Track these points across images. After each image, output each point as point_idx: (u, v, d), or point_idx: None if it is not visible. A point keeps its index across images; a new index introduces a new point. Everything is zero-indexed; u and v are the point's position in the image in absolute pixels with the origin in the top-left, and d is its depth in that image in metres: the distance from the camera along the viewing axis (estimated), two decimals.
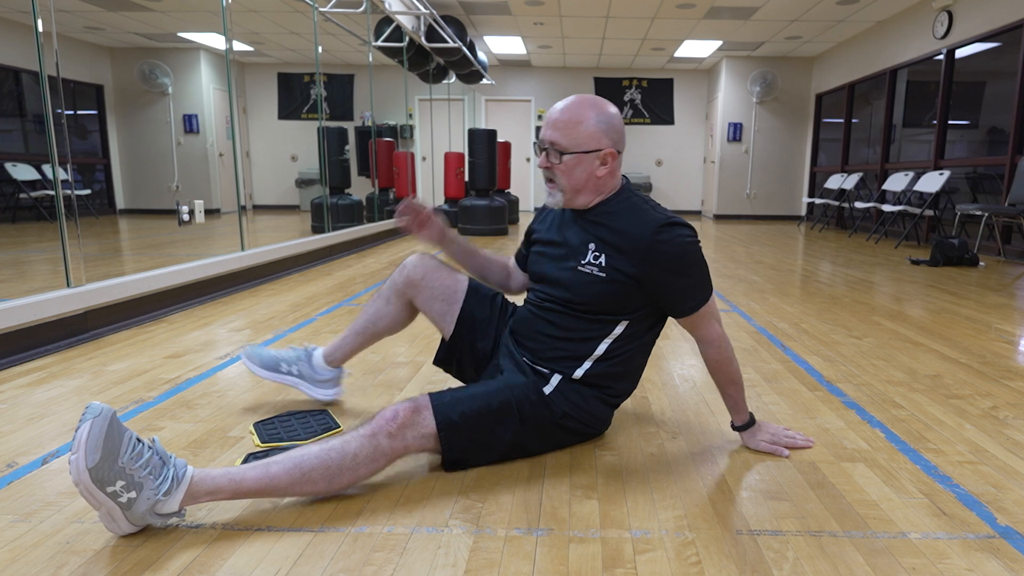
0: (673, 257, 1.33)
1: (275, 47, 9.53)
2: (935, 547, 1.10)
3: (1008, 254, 5.28)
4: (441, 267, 1.61)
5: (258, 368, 1.70)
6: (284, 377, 1.71)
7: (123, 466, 1.07)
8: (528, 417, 1.38)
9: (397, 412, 1.26)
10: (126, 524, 1.09)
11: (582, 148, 1.34)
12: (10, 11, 7.50)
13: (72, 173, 8.94)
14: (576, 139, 1.34)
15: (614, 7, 7.12)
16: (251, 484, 1.15)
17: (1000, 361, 2.24)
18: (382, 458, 1.24)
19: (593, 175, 1.37)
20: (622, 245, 1.35)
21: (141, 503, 1.08)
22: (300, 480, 1.18)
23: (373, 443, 1.23)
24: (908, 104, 7.03)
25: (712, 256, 5.28)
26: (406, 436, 1.26)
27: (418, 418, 1.27)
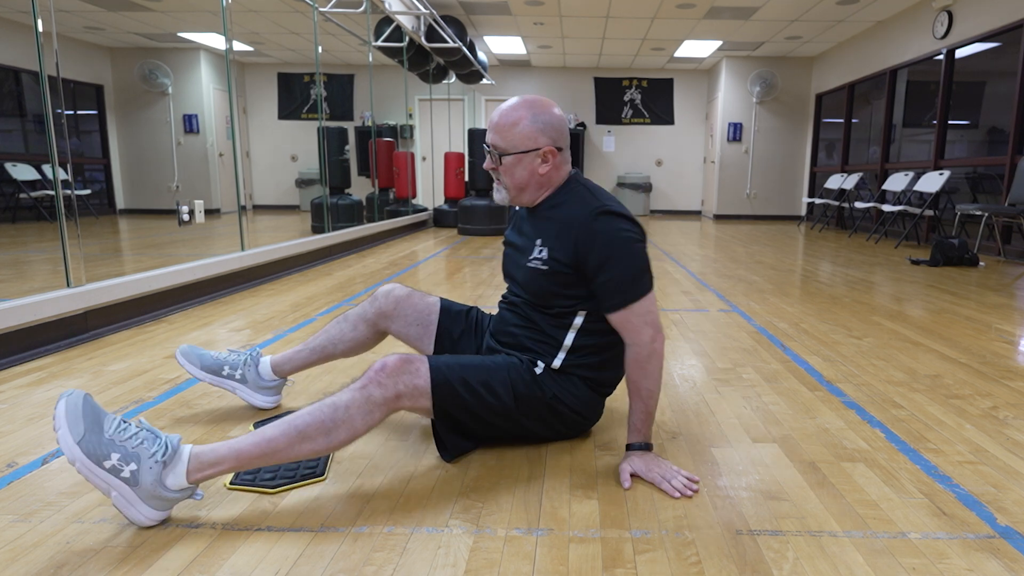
0: (603, 244, 1.34)
1: (275, 47, 9.53)
2: (935, 547, 1.10)
3: (1008, 254, 5.28)
4: (412, 294, 1.66)
5: (196, 369, 1.64)
6: (224, 381, 1.66)
7: (112, 438, 1.08)
8: (521, 395, 1.39)
9: (386, 362, 1.27)
10: (144, 507, 1.10)
11: (519, 148, 1.40)
12: (10, 11, 7.50)
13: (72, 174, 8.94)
14: (513, 140, 1.39)
15: (614, 7, 7.12)
16: (250, 449, 1.16)
17: (1000, 361, 2.24)
18: (376, 409, 1.24)
19: (535, 173, 1.41)
20: (560, 233, 1.39)
21: (145, 474, 1.08)
22: (297, 439, 1.18)
23: (364, 394, 1.23)
24: (908, 104, 7.03)
25: (712, 256, 5.28)
26: (397, 384, 1.26)
27: (410, 367, 1.29)
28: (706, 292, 3.58)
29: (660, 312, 3.03)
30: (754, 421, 1.67)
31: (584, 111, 10.95)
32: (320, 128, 5.61)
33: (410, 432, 1.58)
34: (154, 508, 1.11)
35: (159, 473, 1.10)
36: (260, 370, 1.68)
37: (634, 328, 1.35)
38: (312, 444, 1.19)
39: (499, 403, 1.37)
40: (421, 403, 1.31)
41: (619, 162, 11.07)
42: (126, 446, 1.09)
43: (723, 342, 2.49)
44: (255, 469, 1.34)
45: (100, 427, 1.09)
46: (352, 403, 1.22)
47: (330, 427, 1.20)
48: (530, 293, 1.46)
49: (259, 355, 1.71)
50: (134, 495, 1.09)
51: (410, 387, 1.28)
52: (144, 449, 1.10)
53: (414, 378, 1.29)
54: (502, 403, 1.37)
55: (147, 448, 1.10)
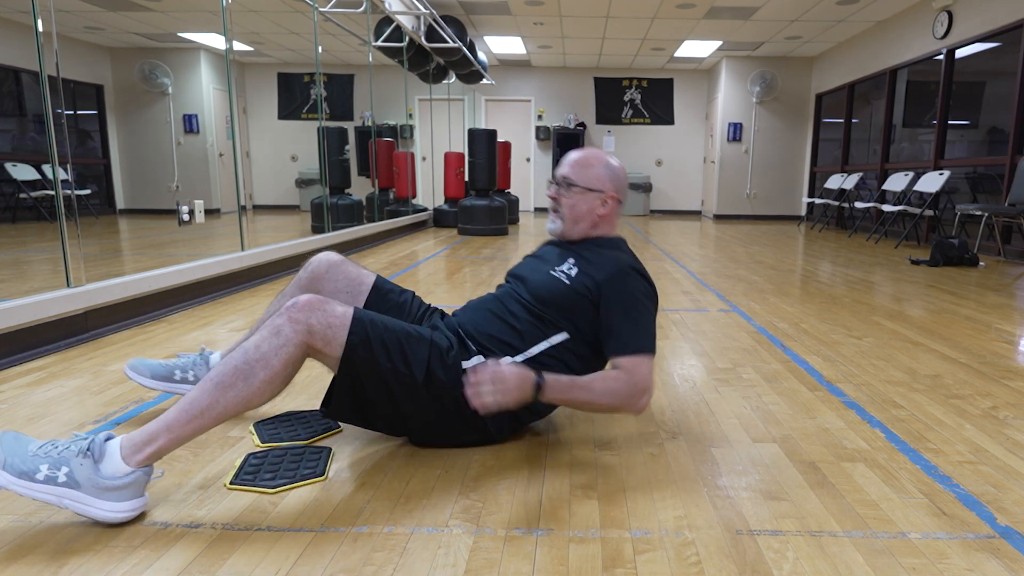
0: (628, 295, 1.44)
1: (275, 47, 9.53)
2: (935, 547, 1.10)
3: (1008, 254, 5.28)
4: (346, 262, 1.63)
5: (148, 380, 1.62)
6: (178, 386, 1.64)
7: (35, 454, 1.09)
8: (434, 378, 1.34)
9: (298, 299, 1.26)
10: (102, 503, 1.10)
11: (588, 186, 1.55)
12: (10, 11, 7.50)
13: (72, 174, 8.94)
14: (585, 178, 1.55)
15: (614, 7, 7.12)
16: (179, 416, 1.15)
17: (1000, 361, 2.24)
18: (288, 345, 1.21)
19: (594, 211, 1.56)
20: (594, 270, 1.49)
21: (80, 471, 1.08)
22: (218, 391, 1.17)
23: (273, 328, 1.22)
24: (908, 104, 7.03)
25: (712, 256, 5.28)
26: (309, 318, 1.24)
27: (324, 306, 1.27)
28: (706, 292, 3.58)
29: (660, 312, 3.03)
30: (754, 421, 1.67)
31: (584, 111, 10.95)
32: (320, 128, 5.61)
33: None
34: (113, 500, 1.10)
35: (91, 467, 1.09)
36: (211, 367, 1.64)
37: (641, 376, 1.37)
38: (234, 391, 1.17)
39: (408, 375, 1.32)
40: (330, 348, 1.26)
41: None
42: (51, 455, 1.09)
43: (723, 342, 2.49)
44: (255, 469, 1.34)
45: (23, 449, 1.10)
46: (262, 341, 1.20)
47: (246, 370, 1.18)
48: (536, 296, 1.48)
49: (209, 354, 1.68)
50: (82, 495, 1.09)
51: (323, 324, 1.25)
52: (69, 451, 1.10)
53: (328, 316, 1.26)
54: (412, 376, 1.32)
55: (72, 449, 1.11)
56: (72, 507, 1.09)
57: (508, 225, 7.55)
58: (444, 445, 1.48)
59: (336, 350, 1.27)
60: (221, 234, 6.49)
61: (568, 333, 1.47)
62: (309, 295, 1.28)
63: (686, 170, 11.09)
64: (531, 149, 11.16)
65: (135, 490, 1.13)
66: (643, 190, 10.71)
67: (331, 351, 1.27)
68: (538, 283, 1.50)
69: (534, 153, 11.16)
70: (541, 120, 11.04)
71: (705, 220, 10.02)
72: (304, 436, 1.53)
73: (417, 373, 1.33)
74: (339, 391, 1.33)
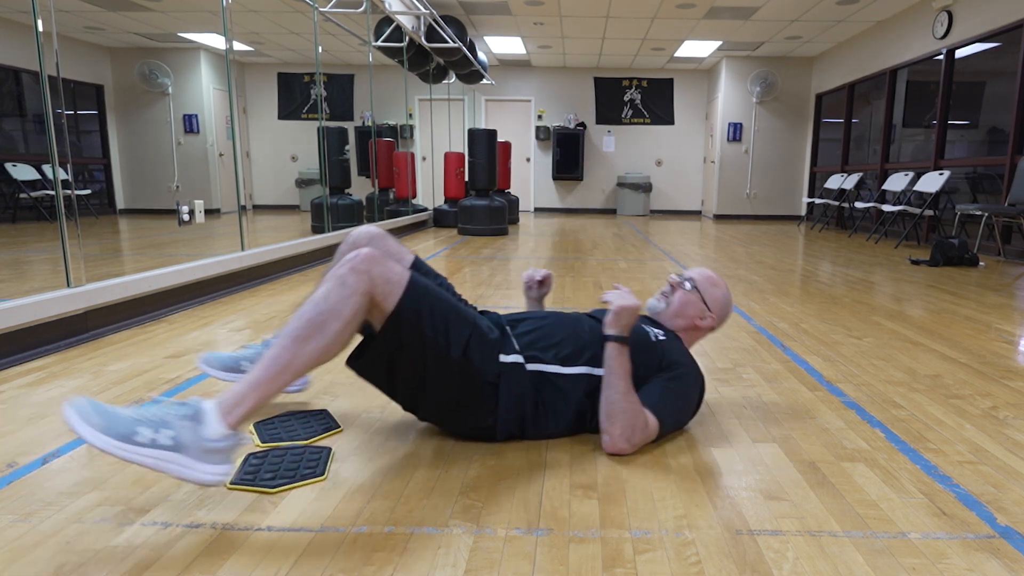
0: (685, 369, 1.53)
1: (275, 47, 9.53)
2: (935, 547, 1.10)
3: (1008, 254, 5.28)
4: (387, 236, 1.64)
5: (219, 371, 1.68)
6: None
7: (133, 416, 1.09)
8: (469, 360, 1.38)
9: (359, 252, 1.28)
10: (204, 465, 1.12)
11: (706, 299, 1.68)
12: (10, 11, 7.50)
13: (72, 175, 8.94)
14: (708, 293, 1.69)
15: (614, 7, 7.12)
16: (262, 374, 1.18)
17: (1000, 361, 2.24)
18: (355, 295, 1.24)
19: (695, 319, 1.68)
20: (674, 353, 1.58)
21: (183, 434, 1.10)
22: (297, 345, 1.20)
23: (339, 282, 1.24)
24: (908, 104, 7.03)
25: (712, 256, 5.28)
26: (372, 271, 1.26)
27: (386, 262, 1.30)
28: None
29: None
30: (754, 421, 1.67)
31: (584, 111, 10.95)
32: (320, 128, 5.61)
33: (410, 432, 1.58)
34: (214, 463, 1.13)
35: (193, 429, 1.11)
36: None
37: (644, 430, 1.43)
38: (312, 343, 1.20)
39: (446, 349, 1.35)
40: (385, 303, 1.29)
41: (619, 162, 11.07)
42: (150, 419, 1.09)
43: (723, 342, 2.49)
44: (255, 469, 1.34)
45: (116, 411, 1.10)
46: (329, 292, 1.23)
47: (319, 321, 1.21)
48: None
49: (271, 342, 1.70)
50: (186, 458, 1.10)
51: (383, 278, 1.28)
52: (169, 414, 1.11)
53: (387, 271, 1.29)
54: (448, 351, 1.35)
55: (172, 411, 1.12)
56: (173, 470, 1.10)
57: (508, 225, 7.55)
58: (448, 428, 1.53)
59: (388, 306, 1.30)
60: (221, 234, 6.49)
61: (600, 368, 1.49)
62: (369, 249, 1.30)
63: (686, 170, 11.09)
64: (531, 149, 11.16)
65: (231, 453, 1.16)
66: (643, 190, 10.71)
67: (385, 306, 1.30)
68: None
69: (534, 153, 11.16)
70: (541, 120, 11.04)
71: (705, 220, 10.02)
72: (304, 436, 1.53)
73: (454, 350, 1.36)
74: (376, 349, 1.36)
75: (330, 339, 1.21)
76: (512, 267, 4.52)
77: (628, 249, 5.77)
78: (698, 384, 1.57)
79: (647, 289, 3.66)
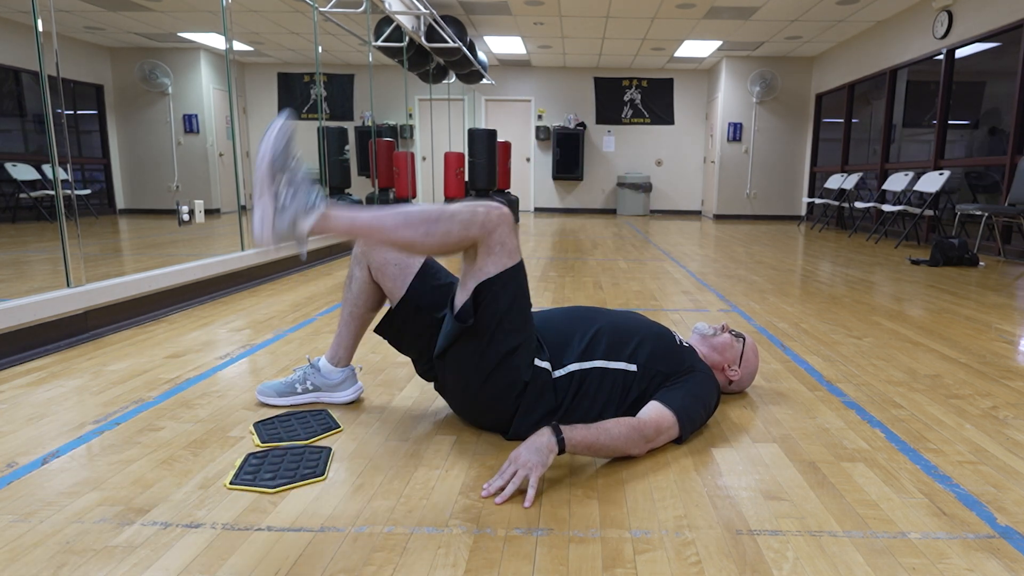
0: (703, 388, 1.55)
1: (275, 47, 9.53)
2: (935, 547, 1.10)
3: (1008, 254, 5.28)
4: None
5: (276, 399, 1.75)
6: (303, 396, 1.75)
7: (293, 166, 1.27)
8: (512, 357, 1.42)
9: (506, 211, 1.38)
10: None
11: (742, 356, 1.78)
12: (10, 11, 7.50)
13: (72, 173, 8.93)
14: (748, 354, 1.79)
15: (614, 7, 7.12)
16: (362, 222, 1.31)
17: (1000, 361, 2.24)
18: (473, 227, 1.34)
19: (725, 363, 1.75)
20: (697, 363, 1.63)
21: (291, 207, 1.26)
22: (401, 223, 1.31)
23: (472, 208, 1.35)
24: (908, 104, 7.03)
25: (712, 256, 5.28)
26: (499, 227, 1.37)
27: (510, 230, 1.40)
28: (706, 292, 3.58)
29: (660, 312, 3.03)
30: (754, 421, 1.67)
31: (584, 111, 10.95)
32: (320, 128, 5.61)
33: (410, 432, 1.58)
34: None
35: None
36: (324, 372, 1.75)
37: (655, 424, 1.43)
38: (411, 232, 1.31)
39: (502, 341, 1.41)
40: (483, 261, 1.38)
41: (619, 162, 11.07)
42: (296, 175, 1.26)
43: None
44: (255, 469, 1.34)
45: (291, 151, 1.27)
46: (459, 212, 1.33)
47: (432, 222, 1.31)
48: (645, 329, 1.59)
49: (317, 361, 1.77)
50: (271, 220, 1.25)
51: (498, 239, 1.37)
52: (304, 185, 1.27)
53: (505, 236, 1.38)
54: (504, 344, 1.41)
55: (306, 186, 1.27)
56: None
57: None
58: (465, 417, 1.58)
59: (485, 264, 1.38)
60: (221, 234, 6.49)
61: (637, 370, 1.52)
62: (510, 213, 1.40)
63: (686, 170, 11.09)
64: (531, 149, 11.16)
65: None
66: (643, 190, 10.71)
67: (480, 263, 1.38)
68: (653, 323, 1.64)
69: (534, 153, 11.16)
70: (541, 120, 11.04)
71: (705, 220, 10.02)
72: (303, 436, 1.53)
73: (507, 346, 1.41)
74: (465, 309, 1.41)
75: (426, 243, 1.32)
76: None
77: (628, 249, 5.76)
78: (715, 389, 1.60)
79: (646, 289, 3.66)
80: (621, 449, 1.38)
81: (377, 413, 1.70)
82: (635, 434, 1.39)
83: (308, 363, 1.81)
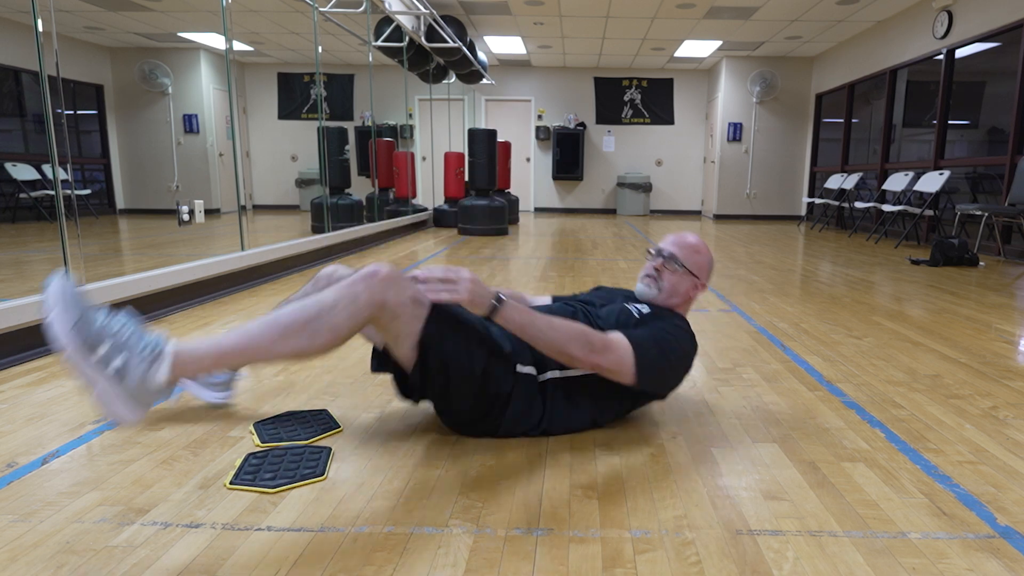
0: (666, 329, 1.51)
1: (275, 47, 9.53)
2: (935, 547, 1.10)
3: (1008, 254, 5.28)
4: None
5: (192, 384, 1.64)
6: (201, 391, 1.65)
7: (104, 326, 1.06)
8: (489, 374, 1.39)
9: (378, 269, 1.25)
10: (126, 404, 1.08)
11: (693, 270, 1.65)
12: (10, 11, 7.50)
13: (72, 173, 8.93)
14: (693, 262, 1.65)
15: (614, 7, 7.12)
16: (232, 345, 1.14)
17: (1000, 361, 2.24)
18: (361, 315, 1.22)
19: (688, 292, 1.66)
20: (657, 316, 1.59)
21: (133, 369, 1.06)
22: (280, 336, 1.16)
23: (351, 292, 1.22)
24: (908, 104, 7.03)
25: (712, 256, 5.27)
26: (386, 292, 1.25)
27: (403, 283, 1.28)
28: (706, 292, 3.58)
29: None
30: (754, 421, 1.67)
31: (584, 111, 10.95)
32: (320, 128, 5.61)
33: (410, 432, 1.58)
34: (135, 405, 1.10)
35: (145, 370, 1.10)
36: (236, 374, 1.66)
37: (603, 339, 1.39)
38: (295, 342, 1.17)
39: (469, 366, 1.37)
40: (396, 325, 1.27)
41: (619, 162, 11.07)
42: (120, 335, 1.07)
43: (723, 342, 2.49)
44: (255, 469, 1.34)
45: (92, 312, 1.07)
46: (338, 301, 1.20)
47: (313, 323, 1.18)
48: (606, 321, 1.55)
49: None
50: (118, 390, 1.07)
51: (395, 302, 1.26)
52: (134, 340, 1.08)
53: (402, 294, 1.26)
54: (472, 367, 1.37)
55: (137, 339, 1.08)
56: (99, 395, 1.07)
57: (508, 225, 7.55)
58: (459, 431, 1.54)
59: (402, 327, 1.29)
60: (221, 234, 6.49)
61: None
62: (390, 267, 1.28)
63: (686, 170, 11.09)
64: (531, 149, 11.16)
65: (153, 401, 1.15)
66: (643, 190, 10.71)
67: (396, 328, 1.29)
68: (610, 310, 1.59)
69: (534, 153, 11.16)
70: (541, 120, 11.04)
71: (705, 220, 10.01)
72: (304, 436, 1.53)
73: (476, 367, 1.37)
74: (416, 373, 1.37)
75: (315, 346, 1.19)
76: (512, 267, 4.52)
77: (628, 249, 5.77)
78: (688, 338, 1.53)
79: None
80: (558, 342, 1.32)
81: (377, 413, 1.70)
82: (580, 336, 1.35)
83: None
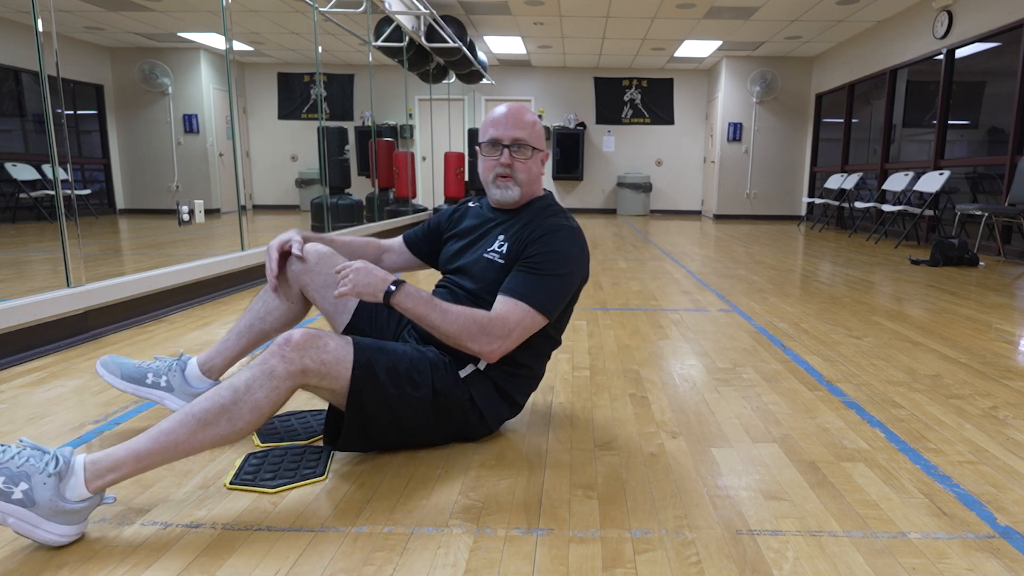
0: (545, 252, 1.40)
1: (275, 47, 9.52)
2: (935, 547, 1.10)
3: (1008, 254, 5.28)
4: (335, 254, 1.55)
5: (117, 380, 1.51)
6: (148, 391, 1.52)
7: None
8: (440, 391, 1.37)
9: (291, 335, 1.20)
10: (50, 525, 1.03)
11: (538, 145, 1.50)
12: (10, 11, 7.49)
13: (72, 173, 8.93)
14: (536, 137, 1.49)
15: (614, 7, 7.12)
16: (149, 446, 1.08)
17: (1000, 361, 2.24)
18: (280, 384, 1.17)
19: (539, 171, 1.53)
20: (527, 231, 1.45)
21: (40, 491, 1.01)
22: (198, 427, 1.11)
23: (266, 369, 1.16)
24: (908, 104, 7.03)
25: (712, 256, 5.28)
26: (304, 358, 1.19)
27: (318, 342, 1.22)
28: (706, 292, 3.58)
29: (660, 312, 3.03)
30: (754, 421, 1.67)
31: (584, 111, 10.95)
32: (320, 128, 5.61)
33: None
34: (62, 523, 1.04)
35: (55, 487, 1.02)
36: (187, 375, 1.54)
37: (506, 321, 1.34)
38: (215, 429, 1.12)
39: (418, 396, 1.34)
40: (328, 383, 1.24)
41: (619, 162, 11.07)
42: (9, 467, 1.02)
43: (723, 342, 2.49)
44: (255, 469, 1.34)
45: None
46: (253, 380, 1.15)
47: (233, 411, 1.13)
48: (477, 284, 1.47)
49: (187, 359, 1.57)
50: (34, 516, 1.01)
51: (317, 362, 1.21)
52: (32, 466, 1.03)
53: (322, 354, 1.21)
54: (421, 396, 1.34)
55: (35, 464, 1.03)
56: (15, 526, 1.01)
57: None
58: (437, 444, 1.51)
59: (335, 384, 1.25)
60: (221, 234, 6.49)
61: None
62: (303, 331, 1.22)
63: (686, 170, 11.08)
64: None
65: (85, 514, 1.06)
66: (643, 190, 10.71)
67: (328, 385, 1.25)
68: (474, 271, 1.49)
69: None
70: (541, 120, 11.02)
71: (705, 220, 10.01)
72: (304, 436, 1.53)
73: (425, 392, 1.35)
74: (350, 427, 1.32)
75: (237, 429, 1.14)
76: None
77: (628, 249, 5.76)
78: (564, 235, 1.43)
79: (646, 289, 3.66)
80: (453, 335, 1.32)
81: None
82: (474, 327, 1.32)
83: (177, 357, 1.57)
